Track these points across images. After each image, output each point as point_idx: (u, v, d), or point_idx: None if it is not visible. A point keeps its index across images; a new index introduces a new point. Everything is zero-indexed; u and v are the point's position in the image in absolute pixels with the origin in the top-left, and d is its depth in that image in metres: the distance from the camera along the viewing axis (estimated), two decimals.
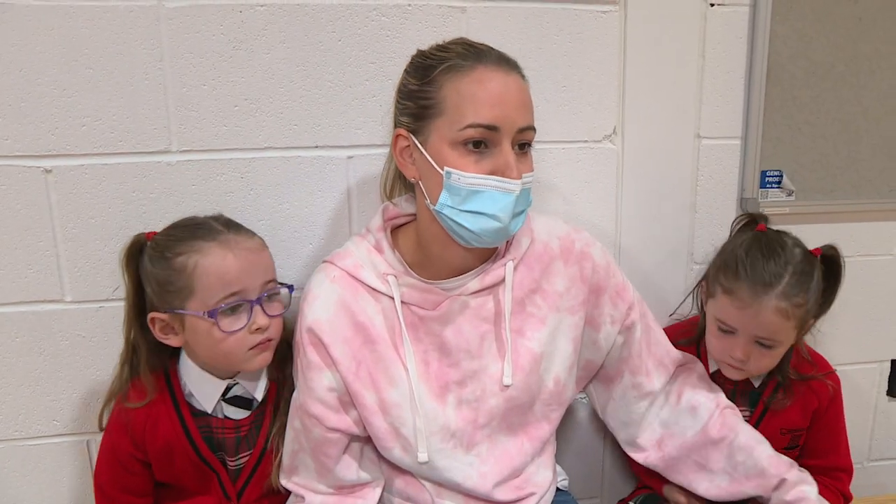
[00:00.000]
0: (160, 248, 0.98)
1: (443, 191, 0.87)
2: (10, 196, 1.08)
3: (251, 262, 0.98)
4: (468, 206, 0.86)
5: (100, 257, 1.12)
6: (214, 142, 1.12)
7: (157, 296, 0.98)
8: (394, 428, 0.96)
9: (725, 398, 1.12)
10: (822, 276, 1.07)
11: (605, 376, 1.11)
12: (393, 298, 0.95)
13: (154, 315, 0.99)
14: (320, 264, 1.01)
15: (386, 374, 0.96)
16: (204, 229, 0.99)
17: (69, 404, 1.17)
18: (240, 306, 0.97)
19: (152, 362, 1.04)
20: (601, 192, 1.27)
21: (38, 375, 1.15)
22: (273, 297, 1.02)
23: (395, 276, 0.96)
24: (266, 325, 0.99)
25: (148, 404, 1.02)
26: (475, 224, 0.87)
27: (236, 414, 1.05)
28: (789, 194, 1.32)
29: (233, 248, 0.97)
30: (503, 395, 0.98)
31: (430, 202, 0.90)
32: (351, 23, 1.12)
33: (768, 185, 1.31)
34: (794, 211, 1.32)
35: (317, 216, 1.18)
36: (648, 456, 1.11)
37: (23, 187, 1.08)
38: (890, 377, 1.48)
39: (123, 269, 1.01)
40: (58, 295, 1.13)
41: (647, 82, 1.23)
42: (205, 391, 1.03)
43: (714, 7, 1.22)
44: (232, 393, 1.04)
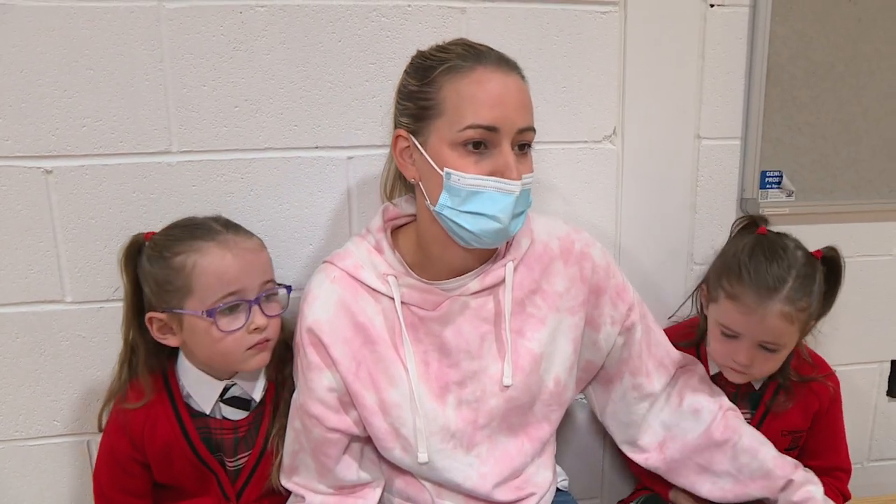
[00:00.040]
0: (159, 248, 0.98)
1: (443, 191, 0.87)
2: (11, 197, 1.08)
3: (250, 262, 0.98)
4: (468, 207, 0.86)
5: (100, 258, 1.12)
6: (215, 142, 1.12)
7: (156, 295, 0.98)
8: (394, 428, 0.96)
9: (727, 400, 1.12)
10: (823, 279, 1.07)
11: (605, 378, 1.11)
12: (393, 299, 0.95)
13: (152, 315, 0.99)
14: (320, 265, 1.01)
15: (386, 374, 0.96)
16: (203, 229, 0.99)
17: (70, 405, 1.17)
18: (238, 306, 0.97)
19: (150, 363, 1.03)
20: (601, 193, 1.27)
21: (39, 376, 1.15)
22: (271, 297, 1.02)
23: (395, 277, 0.96)
24: (264, 325, 0.99)
25: (146, 405, 1.02)
26: (475, 225, 0.87)
27: (234, 415, 1.05)
28: (789, 195, 1.32)
29: (232, 248, 0.97)
30: (503, 396, 0.98)
31: (430, 203, 0.90)
32: (351, 23, 1.12)
33: (768, 186, 1.30)
34: (794, 211, 1.32)
35: (317, 217, 1.18)
36: (649, 458, 1.11)
37: (23, 188, 1.08)
38: (890, 377, 1.48)
39: (122, 269, 1.01)
40: (58, 295, 1.13)
41: (647, 83, 1.23)
42: (203, 392, 1.03)
43: (714, 8, 1.22)
44: (230, 394, 1.04)
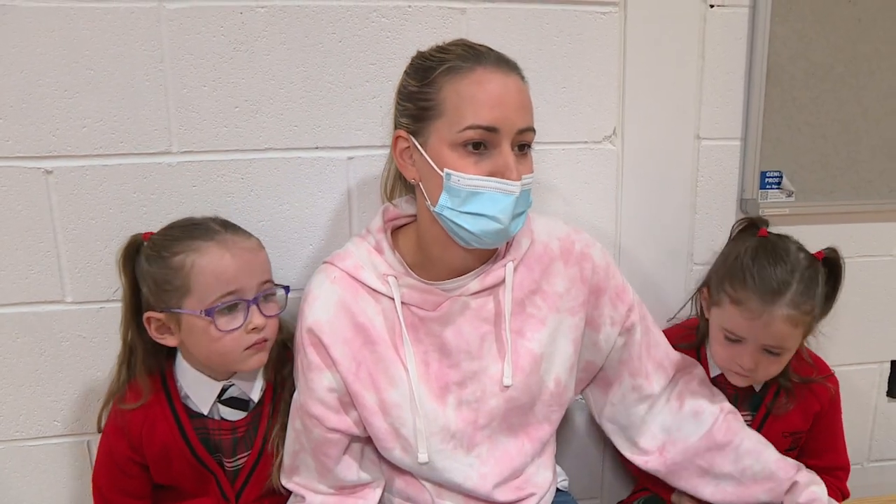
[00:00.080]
0: (157, 248, 0.98)
1: (443, 192, 0.87)
2: (11, 197, 1.08)
3: (248, 261, 0.98)
4: (468, 208, 0.86)
5: (101, 258, 1.12)
6: (215, 143, 1.12)
7: (154, 295, 0.98)
8: (394, 428, 0.96)
9: (728, 402, 1.12)
10: (825, 280, 1.07)
11: (604, 379, 1.11)
12: (393, 299, 0.95)
13: (150, 314, 0.99)
14: (320, 265, 1.01)
15: (386, 374, 0.96)
16: (201, 229, 0.99)
17: (70, 405, 1.17)
18: (236, 305, 0.97)
19: (148, 363, 1.04)
20: (601, 193, 1.27)
21: (39, 376, 1.15)
22: (269, 297, 1.02)
23: (395, 277, 0.96)
24: (262, 325, 0.99)
25: (144, 407, 1.02)
26: (475, 225, 0.87)
27: (232, 415, 1.05)
28: (789, 195, 1.32)
29: (230, 248, 0.97)
30: (503, 396, 0.98)
31: (430, 203, 0.90)
32: (351, 24, 1.12)
33: (768, 186, 1.30)
34: (794, 212, 1.32)
35: (317, 217, 1.18)
36: (649, 461, 1.11)
37: (24, 188, 1.08)
38: (890, 378, 1.48)
39: (120, 269, 1.01)
40: (59, 296, 1.13)
41: (647, 83, 1.23)
42: (200, 393, 1.03)
43: (714, 8, 1.22)
44: (228, 394, 1.04)
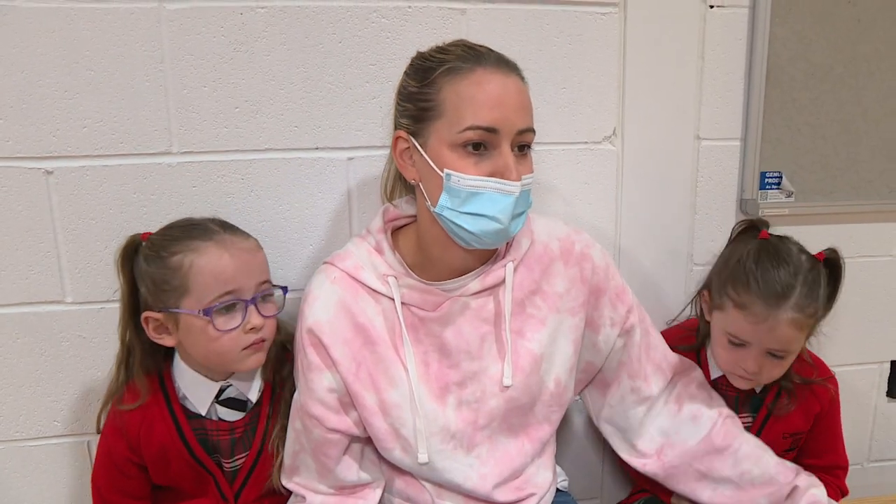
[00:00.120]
0: (156, 248, 0.98)
1: (442, 192, 0.87)
2: (12, 197, 1.08)
3: (246, 261, 0.99)
4: (468, 208, 0.86)
5: (101, 258, 1.12)
6: (215, 143, 1.12)
7: (152, 295, 0.98)
8: (394, 429, 0.96)
9: (726, 406, 1.11)
10: (826, 281, 1.07)
11: (603, 381, 1.11)
12: (393, 299, 0.95)
13: (148, 314, 0.99)
14: (321, 265, 1.01)
15: (386, 374, 0.96)
16: (200, 229, 0.99)
17: (70, 405, 1.17)
18: (234, 305, 0.97)
19: (146, 364, 1.04)
20: (601, 194, 1.27)
21: (39, 376, 1.15)
22: (267, 297, 1.02)
23: (395, 278, 0.96)
24: (260, 325, 0.99)
25: (142, 407, 1.02)
26: (475, 225, 0.87)
27: (230, 416, 1.05)
28: (789, 196, 1.32)
29: (229, 248, 0.97)
30: (503, 396, 0.98)
31: (430, 204, 0.90)
32: (351, 25, 1.12)
33: (768, 187, 1.31)
34: (794, 212, 1.32)
35: (317, 217, 1.18)
36: (647, 464, 1.10)
37: (24, 189, 1.08)
38: (890, 378, 1.48)
39: (118, 269, 1.01)
40: (59, 296, 1.13)
41: (647, 84, 1.23)
42: (198, 393, 1.04)
43: (713, 9, 1.23)
44: (225, 395, 1.04)
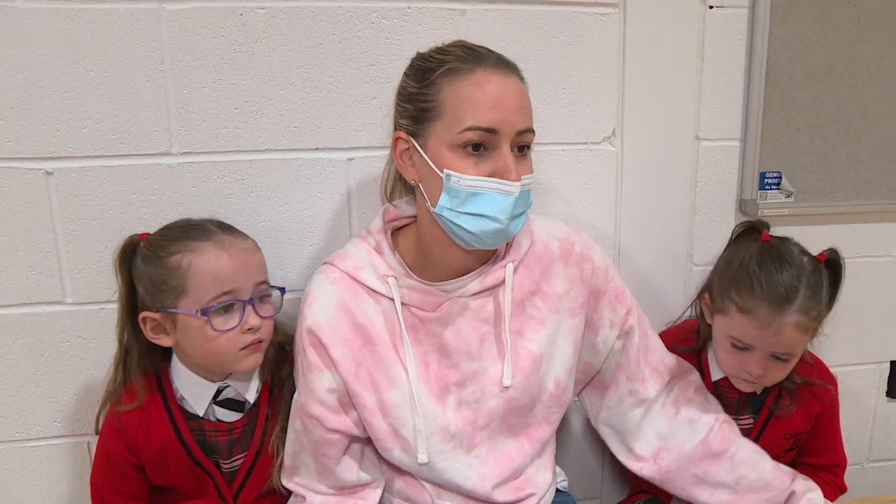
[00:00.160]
0: (154, 248, 0.99)
1: (442, 193, 0.87)
2: (12, 198, 1.08)
3: (244, 262, 0.99)
4: (468, 209, 0.86)
5: (101, 259, 1.12)
6: (215, 144, 1.12)
7: (150, 295, 0.98)
8: (393, 429, 0.96)
9: (723, 411, 1.11)
10: (828, 282, 1.06)
11: (601, 382, 1.10)
12: (393, 300, 0.96)
13: (146, 314, 0.99)
14: (320, 266, 1.01)
15: (386, 375, 0.96)
16: (198, 230, 1.00)
17: (70, 406, 1.17)
18: (232, 306, 0.97)
19: (144, 364, 1.04)
20: (600, 194, 1.27)
21: (40, 377, 1.15)
22: (265, 298, 1.02)
23: (395, 278, 0.96)
24: (258, 326, 0.99)
25: (140, 408, 1.02)
26: (475, 226, 0.87)
27: (228, 416, 1.05)
28: (788, 196, 1.32)
29: (227, 248, 0.98)
30: (503, 397, 0.98)
31: (429, 204, 0.90)
32: (351, 25, 1.12)
33: (767, 187, 1.31)
34: (794, 212, 1.32)
35: (317, 218, 1.18)
36: (644, 468, 1.10)
37: (24, 189, 1.08)
38: (889, 378, 1.48)
39: (116, 269, 1.01)
40: (59, 296, 1.13)
41: (647, 84, 1.23)
42: (196, 394, 1.04)
43: (713, 9, 1.23)
44: (223, 395, 1.04)
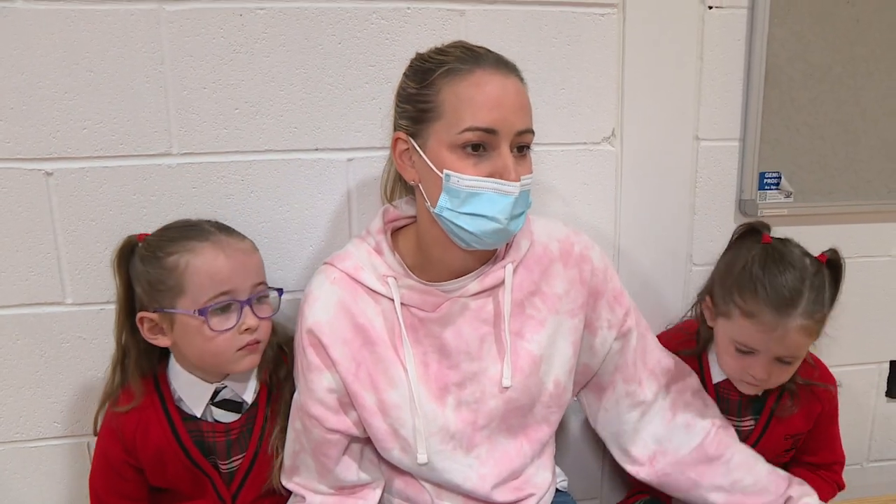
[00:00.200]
0: (152, 248, 0.99)
1: (442, 193, 0.87)
2: (12, 199, 1.08)
3: (242, 262, 0.99)
4: (467, 209, 0.86)
5: (101, 259, 1.12)
6: (215, 144, 1.12)
7: (148, 295, 0.98)
8: (393, 429, 0.96)
9: (720, 415, 1.11)
10: (830, 284, 1.05)
11: (598, 385, 1.10)
12: (393, 300, 0.96)
13: (143, 314, 0.99)
14: (320, 266, 1.01)
15: (385, 375, 0.96)
16: (196, 230, 1.00)
17: (70, 406, 1.17)
18: (230, 306, 0.97)
19: (141, 365, 1.04)
20: (600, 194, 1.27)
21: (39, 377, 1.15)
22: (262, 299, 1.02)
23: (394, 278, 0.96)
24: (255, 326, 0.99)
25: (138, 410, 1.02)
26: (474, 226, 0.87)
27: (226, 417, 1.05)
28: (788, 196, 1.32)
29: (224, 249, 0.98)
30: (502, 397, 0.98)
31: (429, 205, 0.90)
32: (350, 26, 1.12)
33: (767, 187, 1.31)
34: (793, 213, 1.32)
35: (317, 218, 1.18)
36: (640, 471, 1.10)
37: (24, 190, 1.08)
38: (889, 378, 1.48)
39: (114, 270, 1.02)
40: (59, 297, 1.13)
41: (646, 84, 1.23)
42: (193, 395, 1.04)
43: (712, 10, 1.23)
44: (221, 396, 1.04)
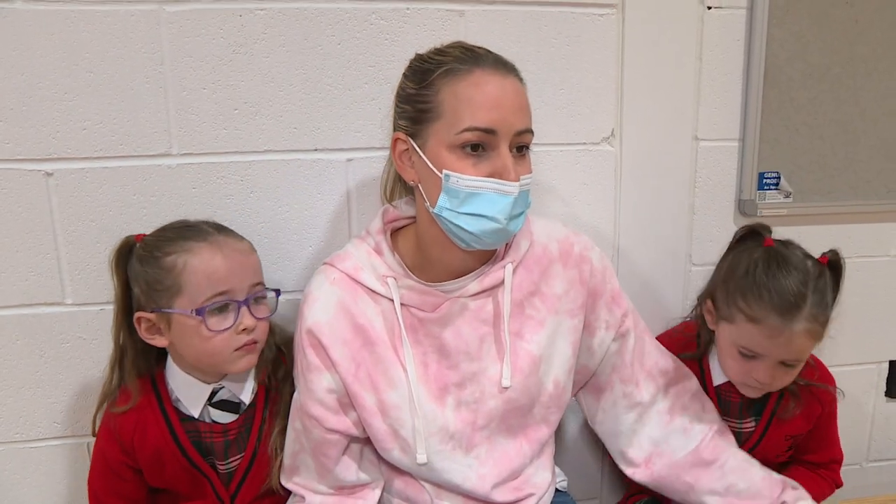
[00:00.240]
0: (150, 248, 0.99)
1: (441, 193, 0.87)
2: (12, 199, 1.08)
3: (240, 263, 0.99)
4: (467, 209, 0.86)
5: (100, 260, 1.12)
6: (214, 145, 1.12)
7: (145, 295, 0.98)
8: (393, 429, 0.97)
9: (718, 420, 1.11)
10: (831, 286, 1.05)
11: (596, 386, 1.10)
12: (392, 300, 0.96)
13: (140, 315, 0.99)
14: (320, 266, 1.01)
15: (385, 375, 0.96)
16: (194, 230, 1.00)
17: (69, 407, 1.17)
18: (227, 306, 0.98)
19: (138, 365, 1.04)
20: (599, 194, 1.27)
21: (39, 378, 1.15)
22: (260, 300, 1.03)
23: (394, 279, 0.96)
24: (252, 326, 0.99)
25: (136, 411, 1.02)
26: (474, 226, 0.87)
27: (223, 418, 1.05)
28: (787, 196, 1.32)
29: (222, 249, 0.98)
30: (502, 397, 0.98)
31: (429, 205, 0.90)
32: (350, 26, 1.12)
33: (766, 187, 1.31)
34: (792, 213, 1.32)
35: (316, 219, 1.18)
36: (636, 472, 1.10)
37: (24, 190, 1.08)
38: (888, 378, 1.48)
39: (112, 270, 1.02)
40: (58, 297, 1.13)
41: (645, 84, 1.23)
42: (190, 395, 1.04)
43: (711, 10, 1.23)
44: (218, 397, 1.04)
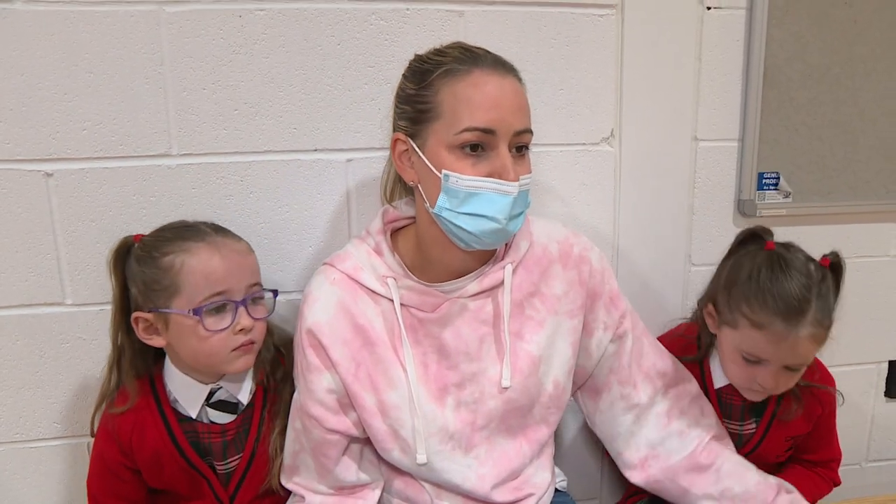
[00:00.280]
0: (148, 248, 0.99)
1: (441, 193, 0.88)
2: (12, 199, 1.08)
3: (237, 263, 0.99)
4: (466, 209, 0.87)
5: (100, 260, 1.12)
6: (214, 145, 1.12)
7: (143, 295, 0.99)
8: (393, 429, 0.97)
9: (716, 424, 1.11)
10: (833, 288, 1.04)
11: (594, 387, 1.10)
12: (392, 301, 0.96)
13: (138, 315, 0.99)
14: (320, 267, 1.01)
15: (385, 375, 0.96)
16: (192, 230, 1.00)
17: (69, 407, 1.17)
18: (225, 306, 0.98)
19: (137, 365, 1.04)
20: (599, 195, 1.27)
21: (39, 378, 1.15)
22: (257, 300, 1.03)
23: (394, 279, 0.96)
24: (250, 327, 0.99)
25: (134, 411, 1.02)
26: (474, 226, 0.87)
27: (221, 418, 1.05)
28: (786, 196, 1.32)
29: (220, 249, 0.98)
30: (502, 398, 0.99)
31: (428, 205, 0.90)
32: (350, 27, 1.12)
33: (765, 187, 1.31)
34: (792, 213, 1.32)
35: (316, 219, 1.18)
36: (632, 475, 1.10)
37: (24, 191, 1.08)
38: (888, 378, 1.48)
39: (110, 270, 1.02)
40: (58, 298, 1.13)
41: (645, 85, 1.23)
42: (188, 396, 1.04)
43: (710, 10, 1.23)
44: (216, 397, 1.04)
